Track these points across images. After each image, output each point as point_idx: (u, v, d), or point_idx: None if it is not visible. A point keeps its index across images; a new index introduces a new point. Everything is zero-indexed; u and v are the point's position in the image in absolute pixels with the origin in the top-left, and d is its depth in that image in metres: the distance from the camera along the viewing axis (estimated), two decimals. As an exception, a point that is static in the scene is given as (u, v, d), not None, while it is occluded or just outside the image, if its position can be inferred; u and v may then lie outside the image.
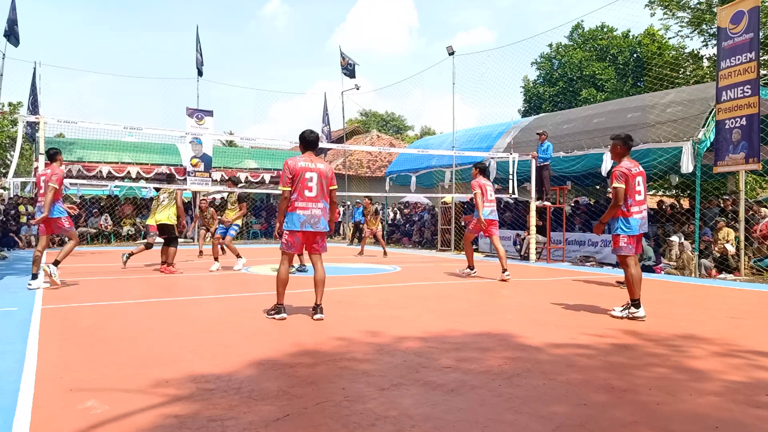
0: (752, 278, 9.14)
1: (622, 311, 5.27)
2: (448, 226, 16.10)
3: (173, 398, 2.79)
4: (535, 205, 12.17)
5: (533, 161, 12.19)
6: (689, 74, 20.04)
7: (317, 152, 5.17)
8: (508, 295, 6.89)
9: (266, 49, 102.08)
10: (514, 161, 12.74)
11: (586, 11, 63.41)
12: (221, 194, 20.09)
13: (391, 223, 20.51)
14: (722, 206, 11.47)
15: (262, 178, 20.74)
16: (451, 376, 3.24)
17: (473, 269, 9.00)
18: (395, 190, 19.60)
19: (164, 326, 4.71)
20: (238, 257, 9.67)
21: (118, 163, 18.41)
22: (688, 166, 10.13)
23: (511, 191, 12.95)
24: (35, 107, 17.14)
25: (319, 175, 4.98)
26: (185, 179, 17.73)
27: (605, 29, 27.32)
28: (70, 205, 8.42)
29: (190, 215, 16.27)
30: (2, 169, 28.17)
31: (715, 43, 12.87)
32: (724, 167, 9.60)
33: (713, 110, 9.98)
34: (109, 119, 46.00)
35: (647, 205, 5.53)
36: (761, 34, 10.73)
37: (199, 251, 13.20)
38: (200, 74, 19.12)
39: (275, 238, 10.40)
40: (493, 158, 14.44)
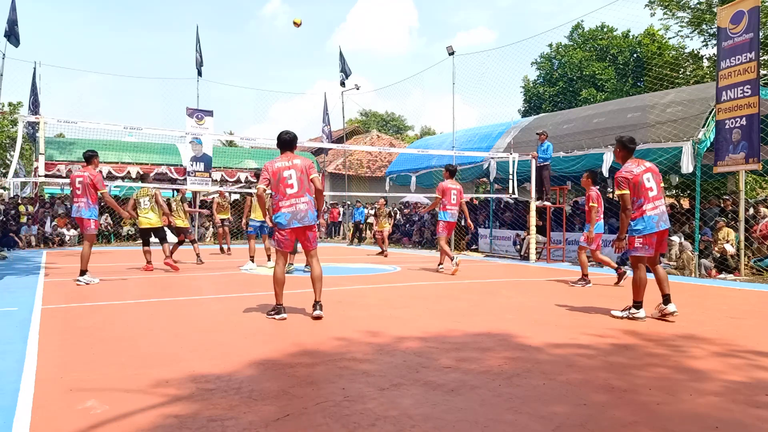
0: (752, 278, 9.14)
1: (622, 312, 5.28)
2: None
3: (173, 398, 2.79)
4: (535, 205, 12.17)
5: (533, 161, 12.19)
6: (689, 74, 20.04)
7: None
8: (508, 295, 6.89)
9: (266, 49, 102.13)
10: (514, 161, 12.74)
11: (586, 11, 63.43)
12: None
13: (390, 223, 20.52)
14: (722, 206, 11.46)
15: (262, 178, 20.72)
16: (451, 376, 3.24)
17: (441, 265, 9.68)
18: (395, 190, 19.60)
19: (164, 326, 4.71)
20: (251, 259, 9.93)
21: (118, 163, 18.39)
22: (688, 166, 10.13)
23: (511, 191, 12.95)
24: (35, 107, 17.15)
25: (296, 170, 5.02)
26: (185, 179, 17.74)
27: (605, 29, 27.32)
28: (130, 211, 9.15)
29: (191, 215, 16.33)
30: (2, 169, 28.17)
31: (715, 43, 12.87)
32: (724, 167, 9.60)
33: (713, 110, 9.98)
34: (109, 119, 46.00)
35: (663, 199, 5.25)
36: (761, 34, 10.73)
37: (225, 249, 13.74)
38: (200, 74, 19.13)
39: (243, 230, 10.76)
40: (493, 158, 14.45)
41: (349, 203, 22.33)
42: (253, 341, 4.13)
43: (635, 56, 25.97)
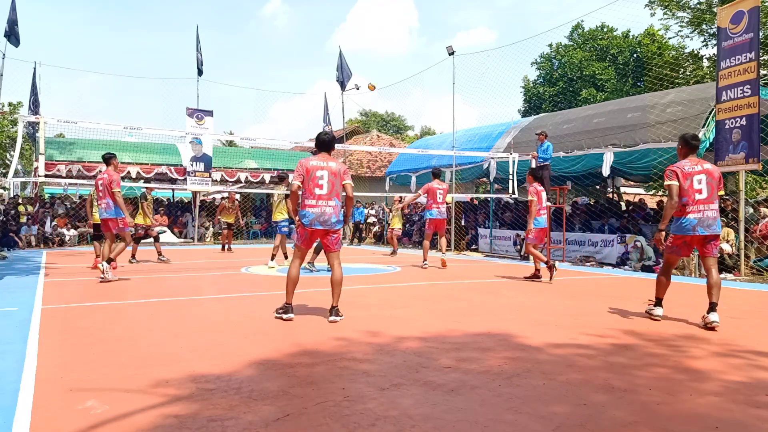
0: (752, 278, 9.14)
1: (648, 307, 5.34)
2: (448, 226, 16.07)
3: (173, 398, 2.79)
4: (535, 205, 12.15)
5: (533, 161, 12.19)
6: (689, 74, 20.03)
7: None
8: (508, 295, 6.89)
9: (266, 49, 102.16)
10: (514, 161, 12.74)
11: (586, 11, 63.42)
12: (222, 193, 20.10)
13: (390, 223, 20.51)
14: (722, 206, 11.45)
15: (262, 178, 20.73)
16: (451, 376, 3.24)
17: (425, 261, 10.16)
18: (395, 190, 19.58)
19: (164, 326, 4.71)
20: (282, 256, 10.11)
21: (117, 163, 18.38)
22: (688, 166, 10.11)
23: (511, 191, 12.95)
24: (35, 107, 17.14)
25: (329, 172, 4.96)
26: (185, 179, 17.74)
27: (605, 29, 27.33)
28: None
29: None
30: (2, 169, 28.16)
31: (715, 43, 12.86)
32: (724, 167, 9.58)
33: (713, 110, 9.98)
34: (109, 119, 46.06)
35: (715, 204, 4.99)
36: (761, 34, 10.73)
37: (226, 248, 13.81)
38: (200, 74, 19.12)
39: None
40: (493, 158, 14.44)
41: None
42: (253, 341, 4.13)
43: (635, 56, 25.99)
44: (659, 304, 5.27)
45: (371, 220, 21.58)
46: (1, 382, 3.08)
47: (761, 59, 10.49)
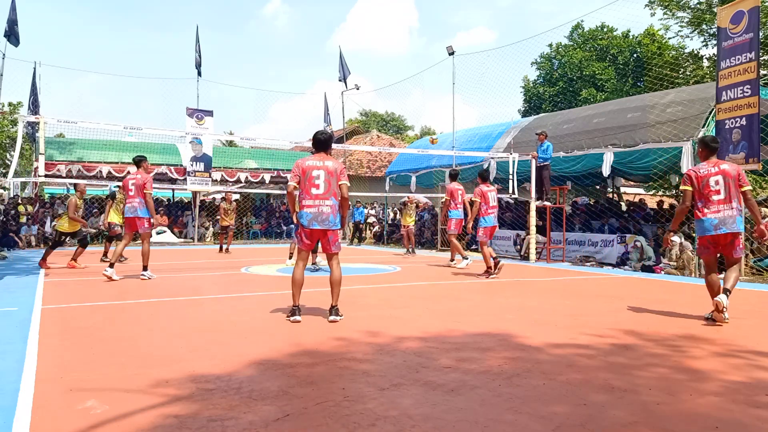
0: (752, 278, 9.14)
1: (708, 314, 5.11)
2: (443, 226, 16.08)
3: (173, 398, 2.79)
4: (535, 205, 12.17)
5: (533, 161, 12.19)
6: (689, 74, 20.03)
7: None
8: (508, 295, 6.89)
9: (266, 49, 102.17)
10: (514, 161, 12.74)
11: (586, 11, 63.43)
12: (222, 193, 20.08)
13: (390, 223, 20.51)
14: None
15: (262, 178, 20.74)
16: (451, 376, 3.24)
17: (453, 261, 10.77)
18: (395, 190, 19.59)
19: (164, 326, 4.71)
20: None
21: (118, 163, 18.41)
22: (688, 166, 10.11)
23: (511, 191, 12.95)
24: (35, 107, 17.14)
25: (326, 172, 4.95)
26: (185, 179, 17.74)
27: (605, 29, 27.32)
28: (160, 217, 9.76)
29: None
30: (2, 169, 28.15)
31: (715, 43, 12.87)
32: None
33: (713, 110, 9.98)
34: (109, 119, 46.01)
35: (734, 204, 5.06)
36: (761, 34, 10.73)
37: (224, 249, 13.83)
38: (200, 74, 19.13)
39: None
40: (493, 158, 14.44)
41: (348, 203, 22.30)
42: (253, 341, 4.13)
43: (635, 56, 25.98)
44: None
45: (371, 220, 21.59)
46: (1, 382, 3.08)
47: (761, 59, 10.49)
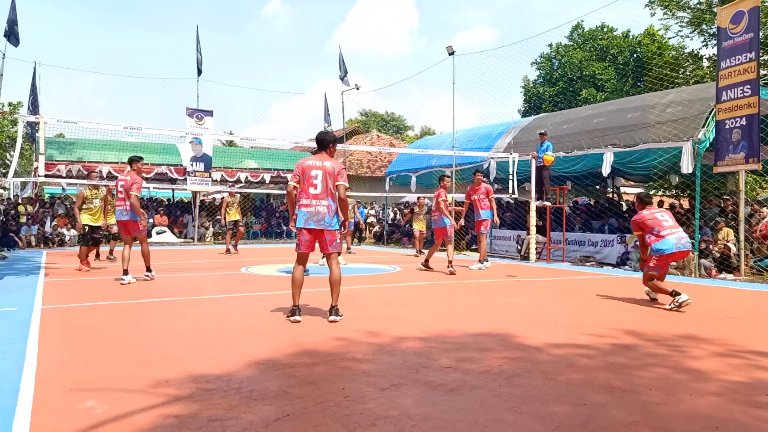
0: (752, 278, 9.14)
1: (669, 305, 5.72)
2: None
3: (173, 398, 2.79)
4: (535, 205, 12.17)
5: (533, 161, 12.19)
6: (689, 74, 20.03)
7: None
8: (508, 295, 6.89)
9: (266, 49, 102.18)
10: (514, 161, 12.74)
11: (586, 11, 63.43)
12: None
13: (391, 223, 20.51)
14: (722, 206, 11.46)
15: (262, 178, 20.73)
16: (451, 376, 3.24)
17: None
18: (395, 190, 19.59)
19: (164, 326, 4.71)
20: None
21: (118, 163, 18.38)
22: (688, 166, 10.12)
23: (511, 191, 12.95)
24: (35, 107, 17.13)
25: (324, 172, 4.93)
26: (185, 179, 17.73)
27: (605, 29, 27.32)
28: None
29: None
30: (2, 169, 28.16)
31: (715, 43, 12.87)
32: (724, 167, 9.60)
33: (713, 110, 9.98)
34: (109, 119, 45.98)
35: (680, 229, 6.16)
36: (761, 34, 10.73)
37: (232, 249, 13.75)
38: (200, 74, 19.12)
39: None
40: (493, 158, 14.44)
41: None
42: (253, 341, 4.13)
43: (635, 56, 25.98)
44: (678, 293, 5.66)
45: (371, 220, 21.59)
46: (1, 382, 3.08)
47: (761, 59, 10.49)
